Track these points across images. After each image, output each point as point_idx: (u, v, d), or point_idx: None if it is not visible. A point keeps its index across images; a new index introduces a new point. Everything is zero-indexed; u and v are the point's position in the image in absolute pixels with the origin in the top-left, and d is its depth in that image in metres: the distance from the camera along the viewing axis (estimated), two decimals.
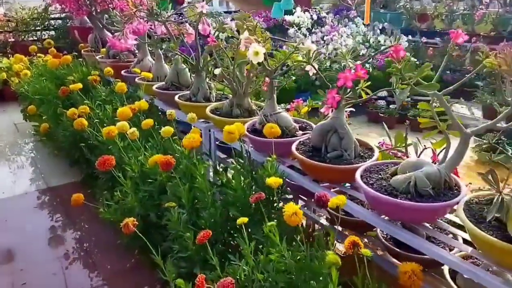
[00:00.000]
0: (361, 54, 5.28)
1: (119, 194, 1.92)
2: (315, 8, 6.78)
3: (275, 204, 1.55)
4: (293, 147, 1.60)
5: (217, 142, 2.22)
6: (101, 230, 2.46)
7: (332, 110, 1.52)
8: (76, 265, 2.19)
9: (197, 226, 1.60)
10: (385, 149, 1.87)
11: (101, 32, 3.67)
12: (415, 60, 5.16)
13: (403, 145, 2.01)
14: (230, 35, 1.92)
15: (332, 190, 1.57)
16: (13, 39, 6.45)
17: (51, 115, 3.19)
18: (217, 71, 1.90)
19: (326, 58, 4.88)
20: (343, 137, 1.51)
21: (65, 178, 3.25)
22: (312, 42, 5.51)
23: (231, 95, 2.39)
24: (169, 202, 1.58)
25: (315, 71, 1.65)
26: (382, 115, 4.52)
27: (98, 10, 3.15)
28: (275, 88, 1.79)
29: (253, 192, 1.51)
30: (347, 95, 1.46)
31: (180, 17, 2.50)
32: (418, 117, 1.57)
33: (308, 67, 1.62)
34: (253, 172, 1.65)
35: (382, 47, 5.55)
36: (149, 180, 1.88)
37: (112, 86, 2.94)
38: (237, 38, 1.87)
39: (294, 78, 1.66)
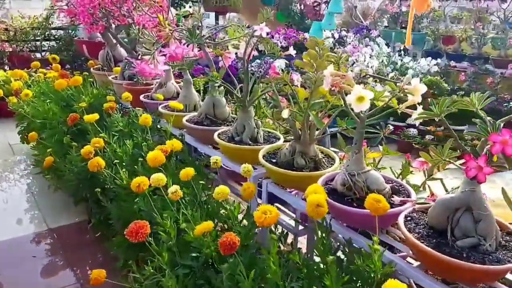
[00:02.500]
0: (389, 77, 4.92)
1: (150, 269, 1.47)
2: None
3: None
4: (402, 225, 1.18)
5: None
6: None
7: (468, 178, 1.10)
8: None
9: None
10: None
11: (114, 48, 3.25)
12: (446, 85, 4.81)
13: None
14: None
15: None
16: (10, 49, 5.99)
17: (55, 144, 2.74)
18: (285, 113, 1.48)
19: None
20: (481, 219, 1.10)
21: (68, 218, 2.78)
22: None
23: (281, 135, 1.99)
24: None
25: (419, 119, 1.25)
26: (416, 145, 4.13)
27: (115, 25, 2.73)
28: (363, 136, 1.38)
29: None
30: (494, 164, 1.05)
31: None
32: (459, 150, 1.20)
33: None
34: (342, 256, 1.22)
35: (409, 70, 5.25)
36: (193, 254, 1.44)
37: (130, 114, 2.51)
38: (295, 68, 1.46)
39: (392, 128, 1.31)
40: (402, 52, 5.68)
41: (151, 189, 1.70)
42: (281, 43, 4.99)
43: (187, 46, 1.79)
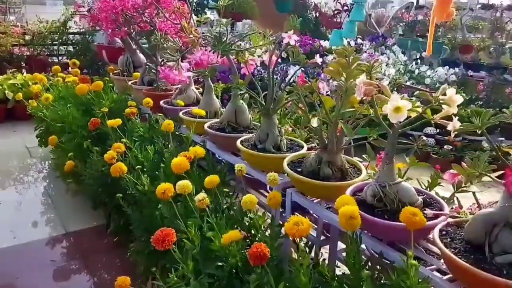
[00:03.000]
0: (404, 85, 4.87)
1: (175, 277, 1.46)
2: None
3: None
4: (438, 240, 1.15)
5: None
6: None
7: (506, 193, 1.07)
8: None
9: None
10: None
11: (134, 54, 3.27)
12: (464, 95, 4.75)
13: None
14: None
15: None
16: (28, 53, 6.08)
17: (75, 148, 2.75)
18: (314, 122, 1.46)
19: None
20: None
21: (87, 222, 2.79)
22: None
23: (304, 143, 1.97)
24: None
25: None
26: (434, 156, 4.08)
27: (137, 31, 2.74)
28: (396, 146, 1.35)
29: None
30: None
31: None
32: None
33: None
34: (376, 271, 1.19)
35: (426, 79, 5.19)
36: (219, 263, 1.42)
37: (150, 120, 2.51)
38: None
39: (425, 138, 1.28)
40: (419, 61, 5.63)
41: (172, 195, 1.70)
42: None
43: (213, 53, 1.79)
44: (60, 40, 6.29)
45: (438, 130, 4.41)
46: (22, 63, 5.95)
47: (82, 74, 4.98)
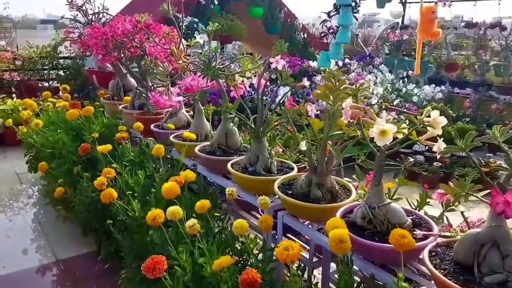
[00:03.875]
0: (394, 104, 4.96)
1: None
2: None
3: None
4: (427, 261, 1.16)
5: None
6: None
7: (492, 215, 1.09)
8: None
9: None
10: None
11: (124, 78, 3.30)
12: (451, 112, 4.84)
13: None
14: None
15: None
16: (18, 78, 6.08)
17: (65, 174, 2.73)
18: (303, 146, 1.47)
19: None
20: (508, 254, 1.08)
21: (77, 249, 2.75)
22: None
23: (294, 165, 1.99)
24: None
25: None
26: (424, 173, 4.11)
27: (127, 56, 2.77)
28: (383, 168, 1.37)
29: None
30: None
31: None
32: (466, 177, 1.19)
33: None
34: None
35: (414, 97, 5.28)
36: None
37: (141, 144, 2.52)
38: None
39: (412, 160, 1.31)
40: (405, 79, 5.74)
41: (163, 220, 1.69)
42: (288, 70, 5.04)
43: (203, 78, 1.81)
44: (51, 65, 6.31)
45: (427, 147, 4.46)
46: (12, 88, 5.94)
47: (72, 98, 4.99)
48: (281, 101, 2.14)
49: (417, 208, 1.68)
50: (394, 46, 6.56)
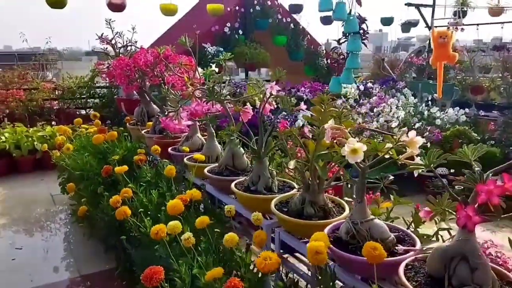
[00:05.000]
0: (415, 127, 4.93)
1: None
2: (358, 77, 6.63)
3: None
4: (402, 274, 1.21)
5: None
6: None
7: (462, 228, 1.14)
8: None
9: None
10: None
11: (148, 105, 3.54)
12: (475, 135, 4.75)
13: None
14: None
15: None
16: (58, 106, 6.56)
17: (90, 194, 2.94)
18: (291, 164, 1.58)
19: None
20: (477, 267, 1.12)
21: (99, 265, 2.92)
22: (361, 113, 5.25)
23: (295, 185, 2.08)
24: None
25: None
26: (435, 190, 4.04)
27: (148, 85, 3.00)
28: (365, 186, 1.44)
29: None
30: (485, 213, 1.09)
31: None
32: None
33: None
34: None
35: (437, 120, 5.23)
36: None
37: (158, 166, 2.69)
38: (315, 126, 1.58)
39: (392, 177, 1.37)
40: (430, 103, 5.70)
41: (172, 237, 1.82)
42: (306, 95, 5.18)
43: (207, 103, 1.97)
44: (88, 94, 6.77)
45: (451, 171, 4.39)
46: (52, 116, 6.40)
47: (105, 125, 5.33)
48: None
49: (412, 225, 1.72)
50: (419, 69, 6.55)
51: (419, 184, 4.21)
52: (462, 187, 1.27)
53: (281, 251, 1.92)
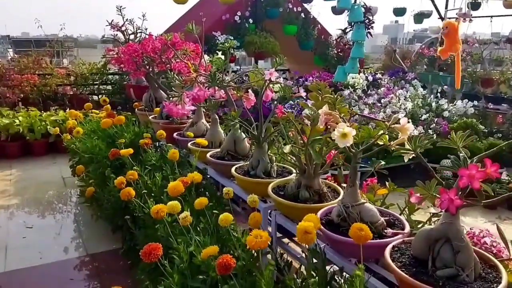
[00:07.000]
0: (422, 118, 4.92)
1: None
2: (368, 69, 6.60)
3: None
4: (387, 254, 1.26)
5: None
6: None
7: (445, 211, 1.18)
8: None
9: None
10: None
11: (156, 91, 3.60)
12: (483, 128, 4.72)
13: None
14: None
15: None
16: (71, 92, 6.68)
17: (98, 176, 3.04)
18: (286, 149, 1.63)
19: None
20: (459, 250, 1.16)
21: (106, 245, 3.02)
22: (368, 104, 5.24)
23: (294, 170, 2.12)
24: None
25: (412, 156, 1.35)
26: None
27: (156, 71, 3.06)
28: (357, 172, 1.48)
29: None
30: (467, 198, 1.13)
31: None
32: (495, 192, 1.23)
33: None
34: (331, 281, 1.31)
35: (445, 112, 5.20)
36: (200, 277, 1.58)
37: (163, 150, 2.76)
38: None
39: (383, 163, 1.39)
40: (439, 95, 5.66)
41: (173, 218, 1.89)
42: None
43: (208, 89, 2.02)
44: (100, 80, 6.87)
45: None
46: (66, 101, 6.53)
47: (116, 110, 5.43)
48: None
49: (405, 212, 1.76)
50: (430, 61, 6.48)
51: (427, 175, 4.22)
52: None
53: (280, 235, 1.99)
